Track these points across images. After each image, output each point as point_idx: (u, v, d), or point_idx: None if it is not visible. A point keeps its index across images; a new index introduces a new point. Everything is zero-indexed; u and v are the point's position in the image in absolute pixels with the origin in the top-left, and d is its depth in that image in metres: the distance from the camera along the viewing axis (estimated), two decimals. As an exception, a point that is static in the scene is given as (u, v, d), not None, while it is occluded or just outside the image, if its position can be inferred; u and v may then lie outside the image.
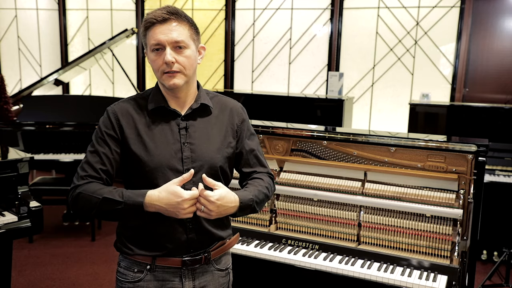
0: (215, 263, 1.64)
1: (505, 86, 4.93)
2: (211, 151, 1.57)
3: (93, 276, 3.72)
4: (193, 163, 1.53)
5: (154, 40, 1.48)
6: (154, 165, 1.50)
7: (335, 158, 2.46)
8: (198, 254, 1.58)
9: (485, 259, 4.05)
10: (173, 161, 1.51)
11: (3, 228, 2.55)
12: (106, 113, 1.56)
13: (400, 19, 5.27)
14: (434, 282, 2.01)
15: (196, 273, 1.59)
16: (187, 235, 1.54)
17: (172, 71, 1.49)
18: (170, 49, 1.48)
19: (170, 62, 1.47)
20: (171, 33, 1.48)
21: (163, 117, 1.56)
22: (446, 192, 2.22)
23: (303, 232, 2.44)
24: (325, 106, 4.66)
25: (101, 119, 1.57)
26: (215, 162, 1.57)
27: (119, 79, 6.70)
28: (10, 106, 4.41)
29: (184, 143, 1.54)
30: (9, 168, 2.70)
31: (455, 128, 4.38)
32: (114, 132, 1.53)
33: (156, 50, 1.49)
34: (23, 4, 6.89)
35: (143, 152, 1.51)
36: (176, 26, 1.49)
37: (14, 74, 7.04)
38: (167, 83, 1.51)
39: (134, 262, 1.56)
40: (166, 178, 1.49)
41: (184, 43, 1.50)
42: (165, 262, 1.55)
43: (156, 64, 1.50)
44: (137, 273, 1.56)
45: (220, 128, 1.62)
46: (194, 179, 1.50)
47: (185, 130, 1.55)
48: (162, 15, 1.48)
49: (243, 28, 6.02)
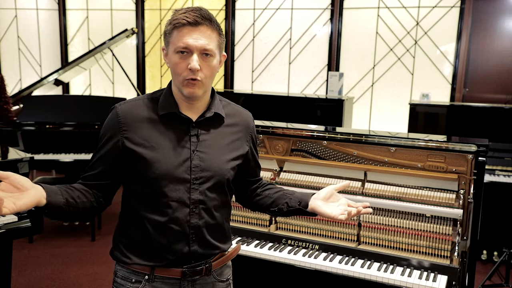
0: (215, 274, 1.59)
1: (505, 86, 4.94)
2: (221, 162, 1.52)
3: (93, 276, 3.72)
4: (201, 172, 1.47)
5: (182, 42, 1.40)
6: (161, 172, 1.43)
7: (335, 158, 2.46)
8: (199, 265, 1.52)
9: (485, 259, 4.05)
10: (181, 169, 1.45)
11: (3, 228, 2.55)
12: (113, 113, 1.49)
13: (400, 19, 5.27)
14: (434, 282, 2.01)
15: (196, 284, 1.53)
16: (190, 247, 1.48)
17: (195, 78, 1.41)
18: (197, 55, 1.41)
19: (196, 69, 1.40)
20: (201, 39, 1.40)
21: (173, 123, 1.48)
22: (446, 192, 2.22)
23: (303, 232, 2.44)
24: (325, 106, 4.66)
25: (108, 118, 1.50)
26: (224, 173, 1.52)
27: (119, 79, 6.70)
28: (10, 106, 4.41)
29: (194, 151, 1.47)
30: (9, 168, 2.70)
31: (455, 128, 4.38)
32: (119, 134, 1.46)
33: (181, 53, 1.41)
34: (23, 4, 6.89)
35: (149, 157, 1.44)
36: (207, 33, 1.41)
37: (14, 74, 7.04)
38: (186, 90, 1.43)
39: (132, 272, 1.50)
40: (172, 186, 1.44)
41: (211, 52, 1.43)
42: (165, 272, 1.49)
43: (179, 68, 1.42)
44: (135, 284, 1.50)
45: (231, 139, 1.56)
46: (201, 188, 1.47)
47: (196, 138, 1.48)
48: (195, 18, 1.39)
49: (243, 28, 6.03)
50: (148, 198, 1.46)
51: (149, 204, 1.46)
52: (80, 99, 5.07)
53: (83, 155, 4.40)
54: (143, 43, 6.57)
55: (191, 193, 1.46)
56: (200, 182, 1.47)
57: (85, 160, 4.33)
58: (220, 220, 1.55)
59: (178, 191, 1.45)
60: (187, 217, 1.47)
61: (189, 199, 1.46)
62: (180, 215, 1.46)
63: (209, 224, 1.51)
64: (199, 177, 1.47)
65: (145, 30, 6.56)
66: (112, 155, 1.47)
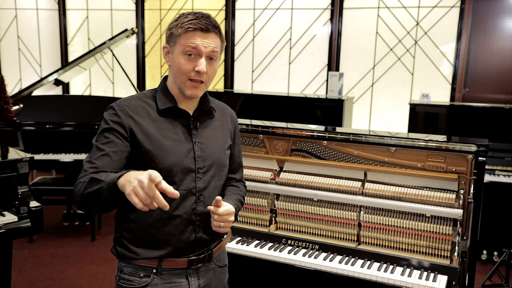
0: (215, 260, 1.67)
1: (505, 86, 4.94)
2: (219, 151, 1.64)
3: (93, 276, 3.72)
4: (204, 161, 1.58)
5: (193, 44, 1.50)
6: (169, 163, 1.50)
7: (335, 158, 2.46)
8: (203, 253, 1.61)
9: (485, 259, 4.05)
10: (187, 159, 1.54)
11: (3, 228, 2.55)
12: (113, 109, 1.51)
13: (400, 19, 5.27)
14: (434, 282, 2.01)
15: (200, 271, 1.61)
16: (196, 233, 1.56)
17: (199, 80, 1.53)
18: (205, 59, 1.52)
19: (204, 72, 1.51)
20: (211, 45, 1.52)
21: (173, 116, 1.58)
22: (446, 192, 2.22)
23: (303, 232, 2.44)
24: (325, 106, 4.66)
25: (106, 115, 1.51)
26: (222, 161, 1.65)
27: (119, 79, 6.70)
28: (10, 106, 4.41)
29: (196, 142, 1.57)
30: (9, 168, 2.70)
31: (455, 128, 4.38)
32: (123, 129, 1.48)
33: (189, 55, 1.51)
34: (23, 4, 6.89)
35: (156, 150, 1.50)
36: (215, 40, 1.54)
37: (14, 74, 7.04)
38: (189, 92, 1.54)
39: (139, 267, 1.53)
40: (180, 176, 1.52)
41: (216, 56, 1.56)
42: (172, 263, 1.55)
43: (185, 68, 1.52)
44: (143, 278, 1.53)
45: (222, 130, 1.69)
46: (205, 177, 1.57)
47: (196, 130, 1.59)
48: (207, 26, 1.51)
49: (243, 28, 6.03)
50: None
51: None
52: (80, 99, 5.07)
53: (83, 155, 4.40)
54: (143, 43, 6.57)
55: (196, 182, 1.55)
56: (204, 171, 1.57)
57: (85, 160, 4.32)
58: None
59: (186, 180, 1.53)
60: (193, 205, 1.55)
61: (195, 188, 1.55)
62: (187, 204, 1.54)
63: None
64: (202, 166, 1.57)
65: (145, 30, 6.56)
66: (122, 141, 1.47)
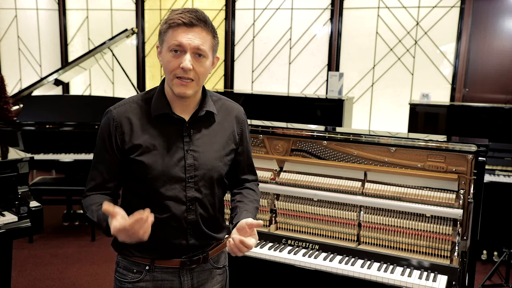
0: (212, 262, 1.66)
1: (505, 86, 4.94)
2: (214, 159, 1.56)
3: (93, 276, 3.72)
4: (195, 170, 1.52)
5: (176, 41, 1.43)
6: (157, 172, 1.49)
7: (335, 158, 2.46)
8: (196, 255, 1.60)
9: (485, 259, 4.05)
10: (176, 169, 1.50)
11: (3, 228, 2.55)
12: (107, 117, 1.53)
13: (400, 19, 5.27)
14: (434, 282, 2.01)
15: (195, 272, 1.61)
16: (188, 240, 1.55)
17: (186, 77, 1.45)
18: (190, 55, 1.44)
19: (187, 68, 1.43)
20: (196, 40, 1.44)
21: (166, 123, 1.53)
22: (446, 192, 2.22)
23: (303, 232, 2.44)
24: (325, 106, 4.66)
25: (102, 124, 1.54)
26: (217, 170, 1.57)
27: (119, 79, 6.70)
28: (10, 106, 4.41)
29: (188, 150, 1.52)
30: (9, 168, 2.70)
31: (455, 128, 4.38)
32: (114, 139, 1.51)
33: (175, 51, 1.45)
34: (23, 4, 6.89)
35: (145, 159, 1.49)
36: (201, 34, 1.45)
37: (14, 74, 7.04)
38: (177, 90, 1.47)
39: (133, 263, 1.57)
40: (168, 186, 1.50)
41: (204, 53, 1.46)
42: (164, 263, 1.57)
43: (171, 65, 1.45)
44: (136, 274, 1.57)
45: (223, 135, 1.61)
46: (196, 186, 1.53)
47: (189, 138, 1.53)
48: (191, 19, 1.43)
49: (243, 28, 6.03)
50: (146, 196, 1.52)
51: (147, 202, 1.50)
52: (80, 99, 5.07)
53: (83, 155, 4.40)
54: (143, 43, 6.57)
55: (186, 191, 1.52)
56: (195, 180, 1.53)
57: (85, 160, 4.33)
58: (215, 213, 1.62)
59: (174, 189, 1.51)
60: (184, 214, 1.53)
61: (185, 196, 1.52)
62: (177, 212, 1.52)
63: (205, 218, 1.58)
64: (194, 175, 1.53)
65: (145, 30, 6.56)
66: (113, 157, 1.53)
